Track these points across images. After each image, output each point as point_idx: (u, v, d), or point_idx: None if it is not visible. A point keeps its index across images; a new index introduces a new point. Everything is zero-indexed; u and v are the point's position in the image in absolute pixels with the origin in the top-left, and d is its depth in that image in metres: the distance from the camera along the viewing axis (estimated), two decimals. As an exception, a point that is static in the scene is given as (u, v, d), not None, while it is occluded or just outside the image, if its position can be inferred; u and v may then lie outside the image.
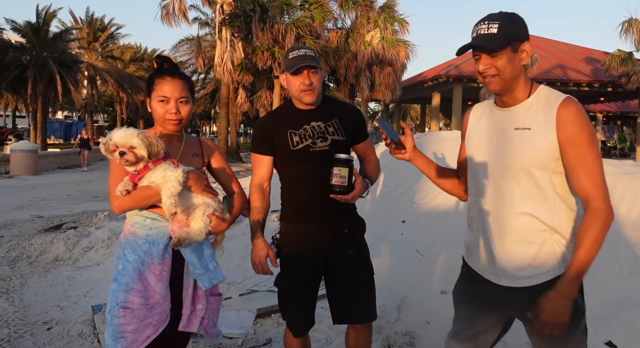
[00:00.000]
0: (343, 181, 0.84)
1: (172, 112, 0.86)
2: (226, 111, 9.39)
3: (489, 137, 0.76)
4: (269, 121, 0.99)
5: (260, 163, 0.98)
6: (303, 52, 0.93)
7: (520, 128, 0.71)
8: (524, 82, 0.72)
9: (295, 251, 0.96)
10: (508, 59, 0.69)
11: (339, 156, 0.86)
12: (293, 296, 0.96)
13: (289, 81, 0.95)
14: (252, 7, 7.78)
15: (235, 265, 1.93)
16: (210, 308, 0.89)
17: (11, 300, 1.93)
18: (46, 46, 11.73)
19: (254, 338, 1.44)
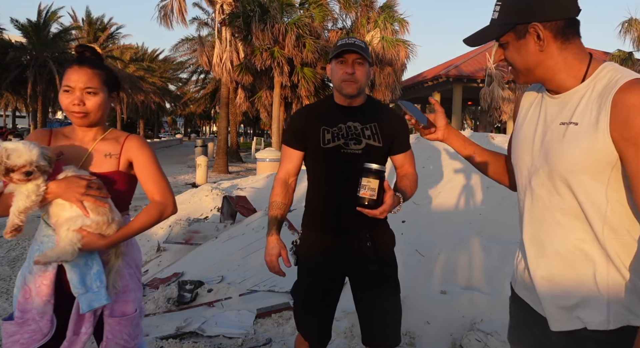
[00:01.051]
0: (372, 194, 0.73)
1: (74, 103, 0.75)
2: (226, 111, 9.39)
3: (534, 132, 0.58)
4: (305, 114, 0.92)
5: (289, 157, 0.92)
6: (352, 40, 0.87)
7: (566, 123, 0.53)
8: (564, 67, 0.54)
9: (312, 261, 0.91)
10: (514, 48, 0.55)
11: (369, 166, 0.74)
12: (308, 308, 0.91)
13: (332, 69, 0.88)
14: (252, 7, 7.79)
15: (235, 265, 1.93)
16: (112, 330, 0.76)
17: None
18: (46, 45, 11.74)
19: (254, 338, 1.44)
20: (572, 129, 0.53)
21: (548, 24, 0.53)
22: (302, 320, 0.93)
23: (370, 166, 0.75)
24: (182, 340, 1.41)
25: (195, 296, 1.68)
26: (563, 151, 0.53)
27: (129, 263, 0.81)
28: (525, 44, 0.55)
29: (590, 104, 0.52)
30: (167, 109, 23.89)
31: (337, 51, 0.86)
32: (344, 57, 0.86)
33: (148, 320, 1.54)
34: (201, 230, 2.46)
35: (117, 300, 0.78)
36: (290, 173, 0.92)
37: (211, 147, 11.45)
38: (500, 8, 0.56)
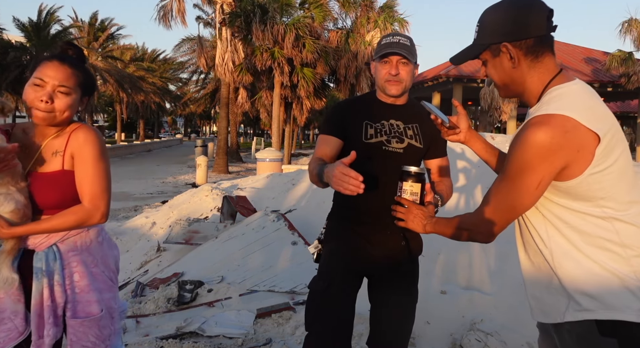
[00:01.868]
0: (415, 198, 0.69)
1: (42, 99, 0.69)
2: (226, 111, 9.39)
3: None
4: (347, 107, 0.89)
5: (325, 142, 0.85)
6: (397, 39, 0.83)
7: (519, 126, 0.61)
8: (530, 85, 0.58)
9: (338, 249, 0.85)
10: (492, 65, 0.60)
11: (409, 169, 0.70)
12: (331, 292, 0.82)
13: (376, 68, 0.86)
14: (252, 8, 7.79)
15: (235, 265, 1.93)
16: (75, 332, 0.72)
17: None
18: (46, 46, 11.74)
19: (254, 338, 1.43)
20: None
21: (517, 43, 0.57)
22: (320, 311, 0.82)
23: (411, 169, 0.70)
24: (182, 340, 1.41)
25: (195, 297, 1.69)
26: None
27: (94, 262, 0.76)
28: (500, 62, 0.60)
29: (538, 111, 0.56)
30: (167, 109, 23.87)
31: (382, 52, 0.83)
32: (389, 58, 0.83)
33: (148, 320, 1.54)
34: (201, 230, 2.46)
35: (78, 300, 0.73)
36: (327, 156, 0.84)
37: (211, 147, 11.46)
38: (479, 29, 0.61)
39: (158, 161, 10.76)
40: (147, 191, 5.67)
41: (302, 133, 23.48)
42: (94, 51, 15.00)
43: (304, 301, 1.60)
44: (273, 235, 2.06)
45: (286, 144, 10.21)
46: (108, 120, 26.22)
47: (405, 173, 0.71)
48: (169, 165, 9.69)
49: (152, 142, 17.65)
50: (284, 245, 1.97)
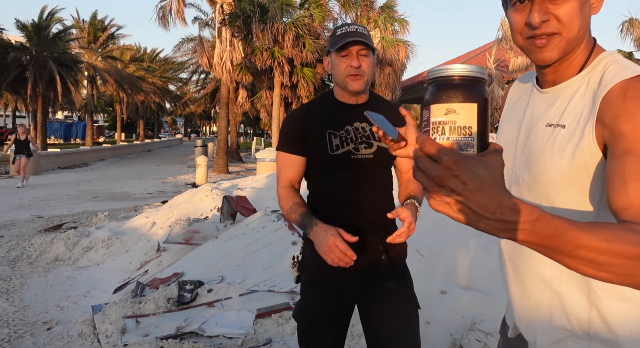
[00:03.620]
0: (468, 142, 0.40)
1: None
2: (226, 111, 9.40)
3: (517, 132, 0.49)
4: (304, 116, 0.78)
5: (289, 164, 0.77)
6: (354, 28, 0.73)
7: (552, 125, 0.43)
8: (584, 46, 0.43)
9: (319, 278, 0.77)
10: (580, 3, 0.41)
11: (447, 73, 0.42)
12: (314, 332, 0.76)
13: (333, 62, 0.75)
14: (251, 7, 7.79)
15: (236, 264, 1.93)
16: None
17: (11, 300, 1.93)
18: (46, 46, 11.74)
19: (254, 338, 1.44)
20: (558, 133, 0.43)
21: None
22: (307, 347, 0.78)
23: (447, 72, 0.35)
24: (182, 340, 1.41)
25: (195, 297, 1.69)
26: (546, 159, 0.43)
27: None
28: (587, 3, 0.42)
29: (582, 102, 0.42)
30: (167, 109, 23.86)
31: (339, 44, 0.72)
32: (348, 49, 0.73)
33: (148, 320, 1.55)
34: (201, 230, 2.46)
35: None
36: (294, 180, 0.78)
37: (211, 147, 11.45)
38: None
39: (158, 161, 10.76)
40: (147, 191, 5.66)
41: (302, 133, 23.16)
42: (94, 51, 15.01)
43: (304, 301, 1.60)
44: (273, 235, 2.06)
45: (286, 144, 10.13)
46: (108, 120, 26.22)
47: (441, 85, 0.32)
48: (169, 165, 9.70)
49: (152, 142, 17.63)
50: (284, 245, 1.97)
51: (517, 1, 0.44)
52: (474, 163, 0.27)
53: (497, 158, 0.28)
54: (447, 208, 0.28)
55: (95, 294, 2.01)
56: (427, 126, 0.31)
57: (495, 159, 0.28)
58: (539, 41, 0.43)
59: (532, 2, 0.43)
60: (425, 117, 0.32)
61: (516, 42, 0.45)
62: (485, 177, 0.26)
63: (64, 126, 20.49)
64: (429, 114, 0.31)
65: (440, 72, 0.31)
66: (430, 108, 0.31)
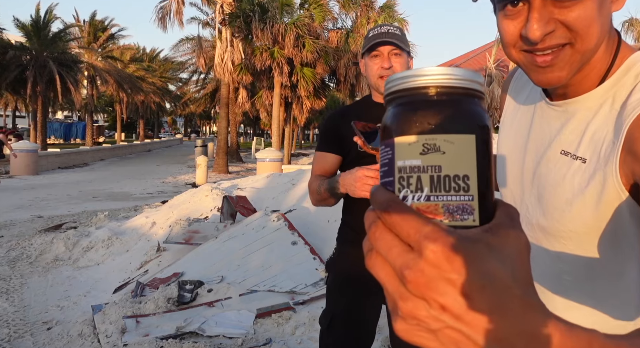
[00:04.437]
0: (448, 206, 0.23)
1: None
2: (226, 111, 9.41)
3: (523, 152, 0.39)
4: (340, 117, 0.79)
5: (322, 160, 0.78)
6: (385, 29, 0.73)
7: (569, 154, 0.34)
8: (604, 49, 0.32)
9: (347, 279, 0.76)
10: (598, 3, 0.29)
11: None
12: (332, 335, 0.75)
13: (366, 64, 0.75)
14: (251, 7, 7.80)
15: (236, 264, 1.93)
16: None
17: (11, 300, 1.93)
18: (46, 45, 11.75)
19: (254, 338, 1.44)
20: (578, 170, 0.33)
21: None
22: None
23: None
24: (182, 340, 1.41)
25: (195, 296, 1.69)
26: (566, 203, 0.33)
27: None
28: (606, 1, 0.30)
29: (605, 128, 0.32)
30: (167, 109, 23.86)
31: (370, 45, 0.73)
32: (378, 50, 0.73)
33: (148, 320, 1.55)
34: (201, 229, 2.46)
35: None
36: (327, 173, 0.78)
37: (211, 147, 11.46)
38: None
39: (158, 161, 10.76)
40: (147, 191, 5.66)
41: (302, 132, 23.43)
42: (94, 51, 15.01)
43: (303, 302, 1.60)
44: (273, 235, 2.06)
45: (286, 144, 10.21)
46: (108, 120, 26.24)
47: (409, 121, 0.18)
48: (169, 165, 9.70)
49: (152, 142, 17.63)
50: (284, 245, 1.97)
51: (508, 3, 0.30)
52: (483, 255, 0.14)
53: (518, 237, 0.15)
54: (428, 340, 0.14)
55: (95, 294, 2.01)
56: (390, 174, 0.17)
57: (516, 242, 0.15)
58: (541, 59, 0.30)
59: (529, 6, 0.29)
60: (385, 158, 0.17)
61: (509, 55, 0.33)
62: (504, 281, 0.14)
63: (64, 126, 20.49)
64: (392, 153, 0.17)
65: (407, 81, 0.17)
66: (393, 143, 0.17)
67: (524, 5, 0.30)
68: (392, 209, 0.15)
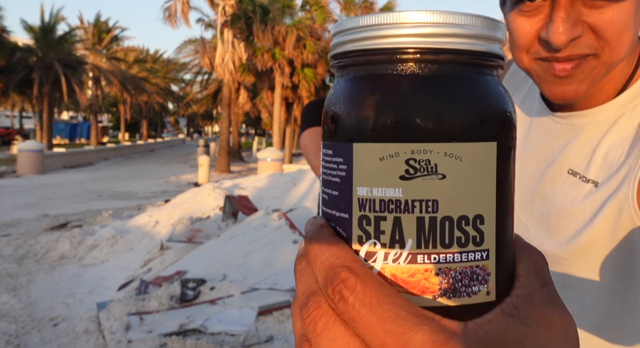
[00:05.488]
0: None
1: None
2: (228, 111, 9.45)
3: (522, 167, 0.34)
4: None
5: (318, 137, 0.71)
6: None
7: (578, 175, 0.30)
8: (624, 61, 0.28)
9: None
10: (635, 6, 0.25)
11: None
12: None
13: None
14: (253, 9, 7.83)
15: (237, 263, 1.95)
16: None
17: (18, 297, 1.97)
18: (52, 47, 11.90)
19: (256, 335, 1.45)
20: (589, 195, 0.29)
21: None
22: None
23: None
24: (185, 337, 1.43)
25: (198, 294, 1.71)
26: (573, 230, 0.29)
27: None
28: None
29: (620, 147, 0.27)
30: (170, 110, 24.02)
31: None
32: None
33: (151, 317, 1.57)
34: (203, 228, 2.49)
35: None
36: None
37: (213, 147, 11.51)
38: None
39: (161, 161, 10.83)
40: (150, 190, 5.70)
41: (304, 133, 23.31)
42: (99, 53, 15.16)
43: (304, 300, 1.60)
44: (274, 233, 2.07)
45: (287, 144, 10.23)
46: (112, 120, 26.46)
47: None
48: (172, 165, 9.76)
49: (155, 142, 17.76)
50: (285, 243, 1.98)
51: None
52: None
53: (564, 322, 0.10)
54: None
55: (100, 291, 2.04)
56: (342, 207, 0.10)
57: (563, 334, 0.10)
58: (560, 66, 0.25)
59: (552, 2, 0.24)
60: (334, 175, 0.11)
61: (519, 61, 0.28)
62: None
63: (69, 126, 20.71)
64: (347, 170, 0.10)
65: (374, 35, 0.10)
66: (351, 153, 0.10)
67: (544, 1, 0.25)
68: (349, 289, 0.09)
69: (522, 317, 0.09)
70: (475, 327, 0.08)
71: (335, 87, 0.10)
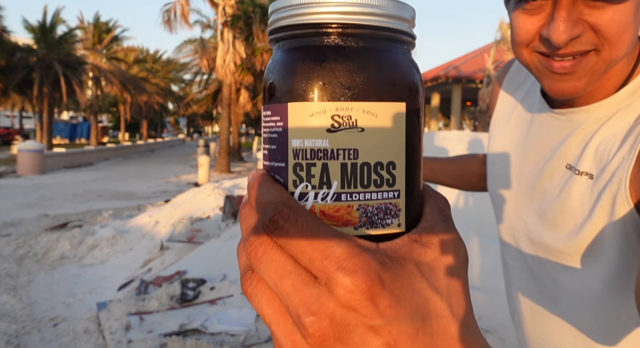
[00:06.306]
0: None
1: None
2: (228, 111, 9.46)
3: (521, 164, 0.35)
4: None
5: None
6: None
7: (573, 169, 0.30)
8: (623, 60, 0.29)
9: None
10: (635, 6, 0.26)
11: None
12: None
13: None
14: (253, 9, 7.84)
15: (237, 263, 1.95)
16: None
17: (18, 297, 1.97)
18: (52, 47, 11.91)
19: (256, 335, 1.46)
20: (584, 186, 0.29)
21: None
22: None
23: None
24: (185, 337, 1.43)
25: (198, 294, 1.71)
26: (573, 224, 0.30)
27: None
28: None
29: (613, 139, 0.28)
30: (170, 110, 24.04)
31: None
32: None
33: (151, 317, 1.57)
34: (203, 228, 2.49)
35: None
36: None
37: (213, 147, 11.52)
38: None
39: (161, 161, 10.84)
40: (150, 190, 5.70)
41: (304, 133, 23.10)
42: (99, 53, 15.17)
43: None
44: (274, 234, 2.06)
45: (288, 144, 10.14)
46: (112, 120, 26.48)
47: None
48: (172, 165, 9.77)
49: (155, 142, 17.75)
50: (285, 244, 1.98)
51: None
52: (414, 282, 0.11)
53: (455, 246, 0.12)
54: None
55: (100, 291, 2.04)
56: (279, 157, 0.12)
57: (454, 255, 0.11)
58: (558, 64, 0.26)
59: (555, 1, 0.25)
60: (272, 132, 0.13)
61: (519, 56, 0.28)
62: (441, 319, 0.11)
63: (69, 126, 20.72)
64: (283, 126, 0.12)
65: (304, 11, 0.12)
66: (286, 111, 0.12)
67: (546, 0, 0.26)
68: (283, 217, 0.10)
69: (423, 242, 0.11)
70: (385, 246, 0.11)
71: (273, 58, 0.13)
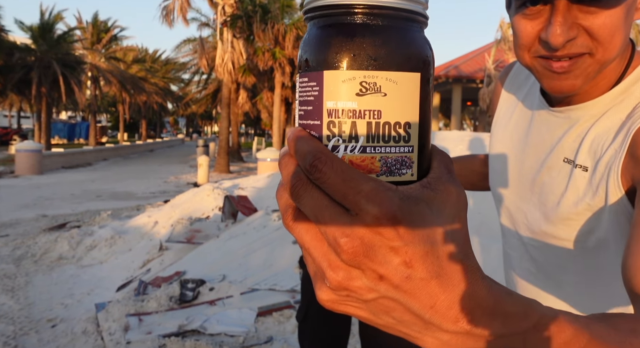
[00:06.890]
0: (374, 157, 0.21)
1: None
2: (227, 111, 9.44)
3: (521, 158, 0.38)
4: None
5: None
6: None
7: (571, 162, 0.33)
8: (619, 58, 0.31)
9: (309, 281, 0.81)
10: (625, 9, 0.28)
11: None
12: (308, 327, 0.75)
13: None
14: (253, 8, 7.84)
15: (237, 263, 1.95)
16: None
17: (16, 298, 1.96)
18: (51, 47, 11.87)
19: (255, 336, 1.45)
20: (580, 178, 0.32)
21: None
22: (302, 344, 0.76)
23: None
24: (184, 338, 1.43)
25: (197, 295, 1.71)
26: (570, 213, 0.32)
27: None
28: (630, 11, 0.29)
29: (607, 133, 0.30)
30: (169, 110, 24.02)
31: None
32: None
33: (151, 318, 1.57)
34: (203, 229, 2.48)
35: None
36: None
37: (213, 147, 11.51)
38: None
39: (160, 161, 10.83)
40: (149, 190, 5.70)
41: (303, 133, 23.22)
42: (97, 52, 15.12)
43: (304, 300, 1.63)
44: (274, 234, 2.07)
45: (287, 144, 10.21)
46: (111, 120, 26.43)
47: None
48: (171, 165, 9.76)
49: (154, 142, 17.76)
50: (284, 244, 1.98)
51: (528, 1, 0.28)
52: (425, 217, 0.13)
53: (457, 193, 0.14)
54: (357, 309, 0.13)
55: (98, 292, 2.03)
56: (315, 116, 0.14)
57: (456, 199, 0.14)
58: (557, 65, 0.29)
59: (551, 8, 0.28)
60: (309, 95, 0.14)
61: (520, 59, 0.31)
62: (446, 246, 0.13)
63: (68, 126, 20.66)
64: (319, 90, 0.14)
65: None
66: (322, 78, 0.14)
67: (544, 6, 0.28)
68: (321, 163, 0.12)
69: (432, 187, 0.14)
70: (403, 189, 0.13)
71: (309, 33, 0.15)
